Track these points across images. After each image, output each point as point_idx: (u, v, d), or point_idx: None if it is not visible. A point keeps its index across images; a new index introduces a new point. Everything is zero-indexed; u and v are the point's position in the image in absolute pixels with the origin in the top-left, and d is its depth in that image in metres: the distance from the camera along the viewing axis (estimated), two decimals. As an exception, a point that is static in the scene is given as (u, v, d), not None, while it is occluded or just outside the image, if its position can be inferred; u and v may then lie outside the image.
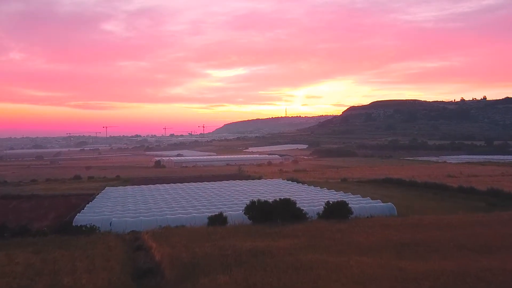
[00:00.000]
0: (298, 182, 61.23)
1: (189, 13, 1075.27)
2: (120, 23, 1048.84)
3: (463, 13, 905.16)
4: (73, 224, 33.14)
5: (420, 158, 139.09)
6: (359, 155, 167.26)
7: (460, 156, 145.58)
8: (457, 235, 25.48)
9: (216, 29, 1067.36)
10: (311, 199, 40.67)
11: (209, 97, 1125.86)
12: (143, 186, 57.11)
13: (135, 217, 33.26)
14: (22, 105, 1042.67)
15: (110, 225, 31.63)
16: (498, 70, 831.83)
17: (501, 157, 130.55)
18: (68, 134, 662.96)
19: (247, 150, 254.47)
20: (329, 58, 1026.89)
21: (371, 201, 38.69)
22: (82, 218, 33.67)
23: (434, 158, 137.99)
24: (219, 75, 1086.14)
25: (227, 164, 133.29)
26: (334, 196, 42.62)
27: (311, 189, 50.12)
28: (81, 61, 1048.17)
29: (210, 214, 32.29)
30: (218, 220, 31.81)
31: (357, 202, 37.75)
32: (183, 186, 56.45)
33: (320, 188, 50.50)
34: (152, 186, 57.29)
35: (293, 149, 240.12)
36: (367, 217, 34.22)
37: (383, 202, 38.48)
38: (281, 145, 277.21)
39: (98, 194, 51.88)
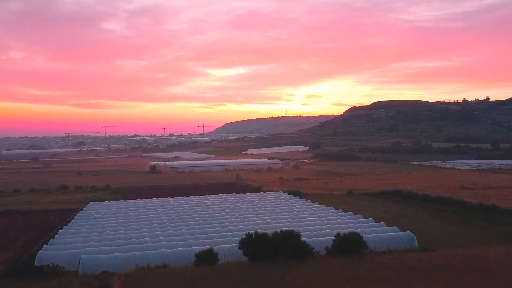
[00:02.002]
0: (300, 196, 56.05)
1: (189, 12, 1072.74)
2: (120, 22, 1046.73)
3: (464, 13, 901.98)
4: (36, 260, 28.05)
5: (426, 163, 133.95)
6: (362, 159, 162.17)
7: (467, 161, 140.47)
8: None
9: (216, 29, 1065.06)
10: (317, 224, 35.51)
11: (209, 96, 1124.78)
12: (130, 202, 51.93)
13: (109, 251, 28.15)
14: (22, 104, 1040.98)
15: (79, 264, 26.49)
16: (499, 69, 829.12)
17: (511, 162, 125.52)
18: (67, 134, 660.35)
19: (246, 152, 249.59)
20: (330, 57, 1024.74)
21: (386, 228, 33.52)
22: (47, 253, 28.59)
23: (440, 163, 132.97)
24: (220, 74, 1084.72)
25: (225, 169, 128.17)
26: (343, 220, 37.45)
27: (315, 207, 44.93)
28: (82, 60, 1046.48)
29: (198, 249, 27.12)
30: (207, 258, 26.55)
31: (370, 230, 32.58)
32: (174, 201, 51.28)
33: (326, 206, 45.28)
34: (140, 201, 52.08)
35: (294, 151, 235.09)
36: (384, 251, 29.16)
37: (400, 229, 33.31)
38: (282, 147, 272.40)
39: (79, 212, 46.76)
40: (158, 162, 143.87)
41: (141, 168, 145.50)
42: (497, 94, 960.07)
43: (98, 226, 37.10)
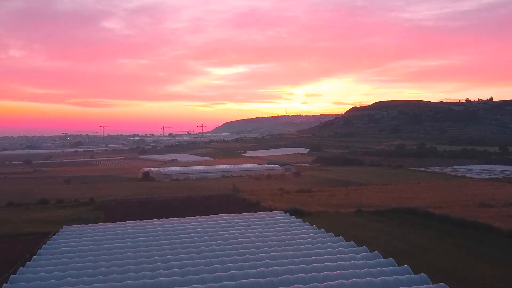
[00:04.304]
0: (303, 217, 49.61)
1: (189, 11, 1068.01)
2: (120, 20, 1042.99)
3: (464, 12, 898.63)
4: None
5: (433, 169, 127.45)
6: (366, 163, 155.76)
7: (476, 167, 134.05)
8: None
9: (216, 27, 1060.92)
10: (326, 267, 29.04)
11: (209, 95, 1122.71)
12: (109, 226, 45.35)
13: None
14: (21, 103, 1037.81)
15: None
16: (500, 68, 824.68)
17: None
18: (64, 134, 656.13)
19: (245, 154, 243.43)
20: (329, 56, 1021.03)
21: (413, 277, 27.07)
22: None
23: (449, 169, 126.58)
24: (219, 73, 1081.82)
25: (222, 176, 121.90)
26: (357, 260, 30.98)
27: (322, 238, 38.40)
28: (81, 58, 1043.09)
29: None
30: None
31: (394, 281, 26.14)
32: (159, 226, 44.71)
33: (334, 236, 38.79)
34: (120, 226, 45.49)
35: (294, 153, 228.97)
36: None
37: (429, 276, 26.87)
38: (281, 149, 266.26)
39: (47, 241, 40.30)
40: (152, 169, 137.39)
41: (135, 174, 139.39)
42: (499, 93, 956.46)
43: (60, 269, 30.61)
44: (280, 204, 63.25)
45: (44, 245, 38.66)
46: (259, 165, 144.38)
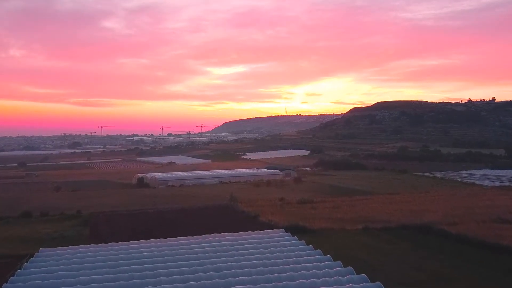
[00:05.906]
0: (306, 239, 44.88)
1: (189, 10, 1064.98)
2: (120, 20, 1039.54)
3: (463, 11, 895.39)
4: None
5: (439, 175, 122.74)
6: (368, 167, 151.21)
7: (483, 172, 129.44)
8: None
9: (216, 27, 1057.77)
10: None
11: (208, 94, 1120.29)
12: (89, 251, 40.59)
13: None
14: (21, 102, 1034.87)
15: None
16: (501, 68, 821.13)
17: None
18: (63, 134, 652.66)
19: (245, 156, 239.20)
20: (329, 56, 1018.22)
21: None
22: None
23: (455, 175, 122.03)
24: (219, 73, 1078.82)
25: (220, 182, 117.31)
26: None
27: (328, 269, 33.66)
28: (81, 58, 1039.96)
29: None
30: None
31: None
32: (145, 251, 39.83)
33: (343, 266, 34.16)
34: (102, 250, 40.72)
35: (294, 156, 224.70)
36: None
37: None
38: (281, 151, 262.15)
39: (17, 270, 35.61)
40: (147, 174, 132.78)
41: (130, 179, 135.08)
42: (501, 93, 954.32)
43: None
44: (281, 217, 58.71)
45: (12, 277, 33.94)
46: (259, 170, 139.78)
